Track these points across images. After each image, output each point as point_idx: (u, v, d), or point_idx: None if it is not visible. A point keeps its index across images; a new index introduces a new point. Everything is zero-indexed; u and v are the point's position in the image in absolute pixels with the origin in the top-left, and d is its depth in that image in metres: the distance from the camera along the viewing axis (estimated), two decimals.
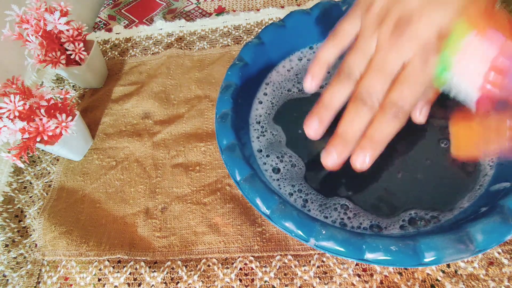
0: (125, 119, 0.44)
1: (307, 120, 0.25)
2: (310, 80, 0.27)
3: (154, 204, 0.36)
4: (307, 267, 0.30)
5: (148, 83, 0.46)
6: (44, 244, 0.36)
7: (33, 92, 0.35)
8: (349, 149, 0.23)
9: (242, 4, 0.54)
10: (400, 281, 0.29)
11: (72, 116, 0.37)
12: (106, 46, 0.53)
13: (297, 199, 0.28)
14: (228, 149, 0.26)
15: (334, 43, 0.26)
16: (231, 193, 0.35)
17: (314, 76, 0.26)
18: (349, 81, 0.24)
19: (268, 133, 0.32)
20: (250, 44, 0.33)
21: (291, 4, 0.52)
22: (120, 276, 0.33)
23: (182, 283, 0.31)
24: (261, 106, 0.34)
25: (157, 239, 0.34)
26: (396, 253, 0.20)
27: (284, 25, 0.33)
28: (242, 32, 0.49)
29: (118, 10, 0.59)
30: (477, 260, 0.29)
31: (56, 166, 0.42)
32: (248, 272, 0.31)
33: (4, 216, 0.39)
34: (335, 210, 0.27)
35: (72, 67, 0.43)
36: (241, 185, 0.25)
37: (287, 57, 0.36)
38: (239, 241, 0.32)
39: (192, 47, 0.49)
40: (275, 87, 0.34)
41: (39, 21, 0.38)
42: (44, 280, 0.34)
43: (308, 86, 0.27)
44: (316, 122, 0.24)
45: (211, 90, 0.44)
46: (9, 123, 0.32)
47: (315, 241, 0.22)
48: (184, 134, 0.41)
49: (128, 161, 0.40)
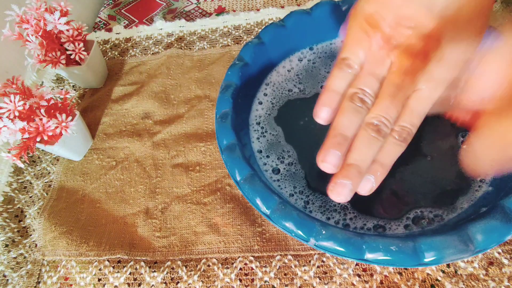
0: (125, 119, 0.44)
1: (324, 156, 0.22)
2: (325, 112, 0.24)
3: (154, 204, 0.36)
4: (307, 267, 0.30)
5: (148, 83, 0.46)
6: (44, 244, 0.36)
7: (33, 92, 0.35)
8: (361, 179, 0.22)
9: (242, 4, 0.54)
10: (400, 281, 0.29)
11: (72, 116, 0.37)
12: (106, 46, 0.53)
13: (298, 200, 0.28)
14: (228, 149, 0.26)
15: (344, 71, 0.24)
16: (231, 193, 0.35)
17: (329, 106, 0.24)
18: (363, 107, 0.22)
19: (268, 134, 0.32)
20: (250, 44, 0.33)
21: (291, 4, 0.52)
22: (120, 276, 0.33)
23: (182, 283, 0.31)
24: (261, 106, 0.34)
25: (157, 239, 0.34)
26: (396, 253, 0.20)
27: (284, 25, 0.33)
28: (242, 32, 0.49)
29: (118, 10, 0.59)
30: (477, 260, 0.29)
31: (56, 166, 0.42)
32: (248, 272, 0.31)
33: (4, 216, 0.39)
34: (337, 212, 0.27)
35: (72, 67, 0.43)
36: (241, 185, 0.25)
37: (287, 58, 0.36)
38: (239, 241, 0.32)
39: (192, 47, 0.49)
40: (275, 87, 0.34)
41: (39, 21, 0.38)
42: (44, 280, 0.34)
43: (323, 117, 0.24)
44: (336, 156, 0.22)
45: (211, 90, 0.44)
46: (9, 123, 0.32)
47: (315, 241, 0.22)
48: (184, 134, 0.41)
49: (128, 161, 0.40)
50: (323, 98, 0.24)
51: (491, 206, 0.22)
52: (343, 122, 0.22)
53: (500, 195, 0.23)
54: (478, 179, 0.27)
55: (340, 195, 0.21)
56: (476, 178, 0.27)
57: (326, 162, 0.22)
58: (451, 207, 0.26)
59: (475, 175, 0.27)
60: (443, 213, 0.25)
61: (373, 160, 0.22)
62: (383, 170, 0.22)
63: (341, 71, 0.24)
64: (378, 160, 0.22)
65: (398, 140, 0.22)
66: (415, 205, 0.26)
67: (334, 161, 0.22)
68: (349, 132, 0.22)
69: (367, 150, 0.22)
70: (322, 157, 0.22)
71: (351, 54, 0.24)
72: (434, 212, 0.26)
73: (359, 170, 0.21)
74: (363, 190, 0.22)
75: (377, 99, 0.23)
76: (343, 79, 0.24)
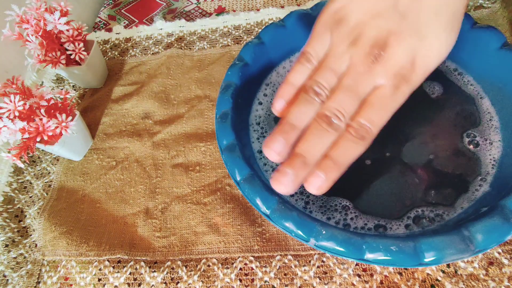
0: (125, 119, 0.44)
1: (268, 142, 0.22)
2: (280, 103, 0.24)
3: (154, 204, 0.36)
4: (307, 267, 0.30)
5: (148, 83, 0.46)
6: (44, 244, 0.36)
7: (33, 92, 0.35)
8: (306, 171, 0.21)
9: (242, 4, 0.54)
10: (400, 281, 0.29)
11: (72, 116, 0.37)
12: (106, 46, 0.53)
13: (298, 200, 0.28)
14: (228, 149, 0.26)
15: (304, 65, 0.24)
16: (231, 193, 0.35)
17: (284, 98, 0.24)
18: (316, 100, 0.22)
19: (268, 134, 0.32)
20: (250, 44, 0.33)
21: (291, 4, 0.52)
22: (120, 276, 0.33)
23: (182, 283, 0.31)
24: (261, 107, 0.34)
25: (157, 239, 0.34)
26: (396, 253, 0.20)
27: (284, 25, 0.33)
28: (242, 32, 0.49)
29: (118, 10, 0.59)
30: (477, 260, 0.29)
31: (56, 166, 0.42)
32: (248, 272, 0.31)
33: (4, 216, 0.39)
34: (338, 212, 0.27)
35: (72, 67, 0.43)
36: (241, 185, 0.25)
37: (288, 58, 0.35)
38: (239, 241, 0.32)
39: (192, 47, 0.49)
40: (275, 88, 0.34)
41: (39, 21, 0.38)
42: (44, 280, 0.34)
43: (278, 108, 0.24)
44: (281, 143, 0.22)
45: (211, 90, 0.44)
46: (9, 123, 0.32)
47: (315, 241, 0.22)
48: (184, 134, 0.41)
49: (128, 161, 0.40)
50: (280, 90, 0.24)
51: (491, 206, 0.22)
52: (293, 113, 0.22)
53: (500, 195, 0.23)
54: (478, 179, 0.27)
55: (281, 184, 0.21)
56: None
57: (269, 148, 0.22)
58: (451, 207, 0.26)
59: None
60: (443, 213, 0.25)
61: (326, 156, 0.21)
62: (336, 168, 0.21)
63: (300, 65, 0.24)
64: (332, 157, 0.21)
65: (355, 137, 0.21)
66: (415, 204, 0.26)
67: (278, 148, 0.21)
68: (298, 123, 0.22)
69: (315, 142, 0.21)
70: (266, 142, 0.22)
71: (311, 49, 0.24)
72: (435, 212, 0.26)
73: (304, 161, 0.21)
74: (312, 187, 0.21)
75: (332, 93, 0.22)
76: (302, 73, 0.24)
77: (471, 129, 0.29)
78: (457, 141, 0.29)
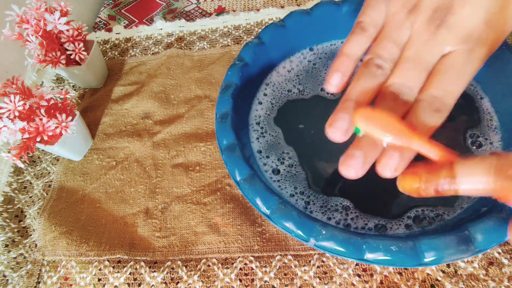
0: (125, 119, 0.44)
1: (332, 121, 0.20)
2: (336, 77, 0.21)
3: (154, 204, 0.36)
4: (307, 267, 0.30)
5: (148, 83, 0.46)
6: (44, 244, 0.36)
7: (33, 92, 0.35)
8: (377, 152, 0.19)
9: (242, 4, 0.54)
10: (400, 281, 0.29)
11: (72, 116, 0.37)
12: (106, 46, 0.53)
13: (298, 200, 0.28)
14: (228, 149, 0.26)
15: (360, 35, 0.21)
16: (231, 193, 0.35)
17: (341, 72, 0.21)
18: (379, 72, 0.20)
19: (268, 134, 0.32)
20: (250, 44, 0.33)
21: (291, 4, 0.52)
22: (120, 276, 0.33)
23: (182, 283, 0.31)
24: (260, 106, 0.34)
25: (157, 239, 0.34)
26: (396, 253, 0.20)
27: (284, 25, 0.33)
28: (242, 32, 0.49)
29: (118, 10, 0.59)
30: (477, 260, 0.29)
31: (56, 166, 0.42)
32: (248, 272, 0.31)
33: (4, 216, 0.39)
34: (339, 212, 0.27)
35: (72, 67, 0.43)
36: (241, 185, 0.25)
37: (288, 58, 0.35)
38: (239, 241, 0.32)
39: (192, 47, 0.49)
40: (275, 87, 0.34)
41: (39, 21, 0.38)
42: (44, 280, 0.34)
43: (334, 83, 0.21)
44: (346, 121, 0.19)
45: (211, 90, 0.44)
46: (9, 123, 0.32)
47: (315, 241, 0.22)
48: (184, 134, 0.41)
49: (128, 161, 0.40)
50: (335, 64, 0.22)
51: (491, 206, 0.22)
52: (355, 88, 0.20)
53: None
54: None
55: (351, 167, 0.19)
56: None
57: (333, 127, 0.20)
58: (452, 207, 0.26)
59: None
60: (443, 213, 0.25)
61: None
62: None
63: (355, 35, 0.22)
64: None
65: (430, 110, 0.19)
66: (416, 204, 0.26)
67: (342, 126, 0.19)
68: (362, 99, 0.20)
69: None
70: (330, 121, 0.20)
71: (367, 17, 0.22)
72: (435, 212, 0.26)
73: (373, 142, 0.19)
74: (387, 169, 0.19)
75: (396, 65, 0.20)
76: (358, 44, 0.22)
77: (472, 130, 0.29)
78: (460, 142, 0.29)
